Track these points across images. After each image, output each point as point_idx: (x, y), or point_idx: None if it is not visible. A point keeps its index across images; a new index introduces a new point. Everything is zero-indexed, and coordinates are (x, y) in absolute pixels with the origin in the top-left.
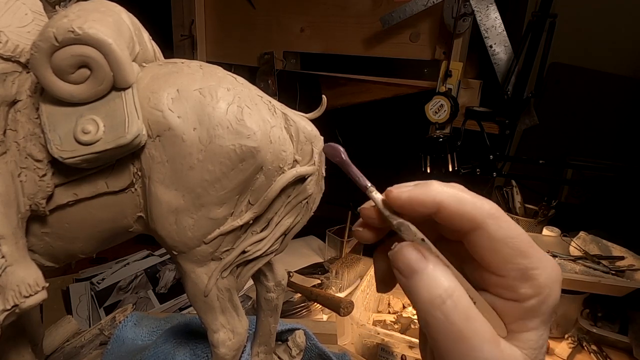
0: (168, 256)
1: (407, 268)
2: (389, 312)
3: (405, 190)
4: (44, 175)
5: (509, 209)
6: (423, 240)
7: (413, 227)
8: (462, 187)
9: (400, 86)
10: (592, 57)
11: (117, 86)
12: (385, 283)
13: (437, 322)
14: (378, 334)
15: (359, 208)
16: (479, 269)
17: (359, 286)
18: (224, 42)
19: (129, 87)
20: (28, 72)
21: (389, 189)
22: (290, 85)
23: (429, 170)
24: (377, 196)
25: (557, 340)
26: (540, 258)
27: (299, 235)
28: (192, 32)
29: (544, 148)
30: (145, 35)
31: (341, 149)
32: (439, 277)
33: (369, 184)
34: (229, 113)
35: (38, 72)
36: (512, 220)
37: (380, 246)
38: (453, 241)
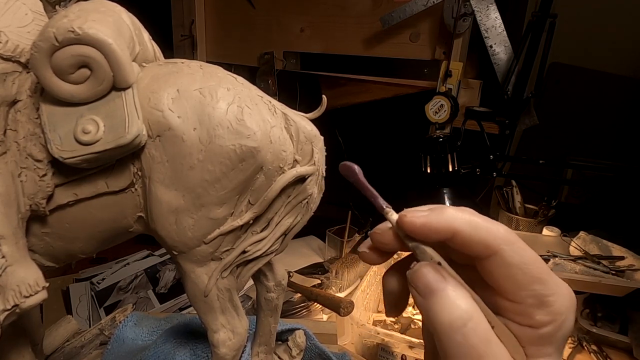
0: (168, 256)
1: (426, 288)
2: None
3: (420, 216)
4: (44, 175)
5: (509, 209)
6: (439, 263)
7: (429, 250)
8: (474, 211)
9: (400, 86)
10: (592, 57)
11: (117, 86)
12: (396, 306)
13: (457, 345)
14: (378, 334)
15: (370, 232)
16: (492, 293)
17: (359, 286)
18: (224, 42)
19: (129, 87)
20: (28, 72)
21: (402, 213)
22: (290, 85)
23: (429, 170)
24: (394, 217)
25: None
26: (556, 284)
27: (299, 235)
28: (192, 32)
29: (544, 148)
30: (145, 35)
31: (356, 168)
32: (458, 299)
33: (386, 205)
34: (229, 113)
35: (38, 72)
36: (527, 245)
37: (390, 268)
38: (463, 265)
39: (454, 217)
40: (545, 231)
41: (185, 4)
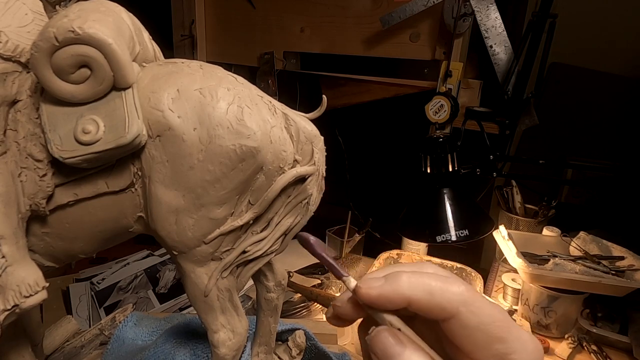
0: (168, 256)
1: (384, 354)
2: None
3: (375, 287)
4: (44, 175)
5: (509, 209)
6: (399, 329)
7: (388, 317)
8: (432, 272)
9: (400, 86)
10: (592, 57)
11: (117, 86)
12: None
13: None
14: None
15: (332, 302)
16: (458, 350)
17: None
18: (224, 42)
19: (129, 87)
20: (28, 72)
21: (358, 284)
22: (290, 85)
23: (429, 170)
24: (352, 285)
25: (557, 340)
26: (519, 339)
27: None
28: (192, 32)
29: (544, 148)
30: (146, 35)
31: (312, 239)
32: None
33: (345, 274)
34: (229, 113)
35: (38, 72)
36: (487, 302)
37: (361, 323)
38: (431, 320)
39: (407, 286)
40: (545, 231)
41: (185, 4)
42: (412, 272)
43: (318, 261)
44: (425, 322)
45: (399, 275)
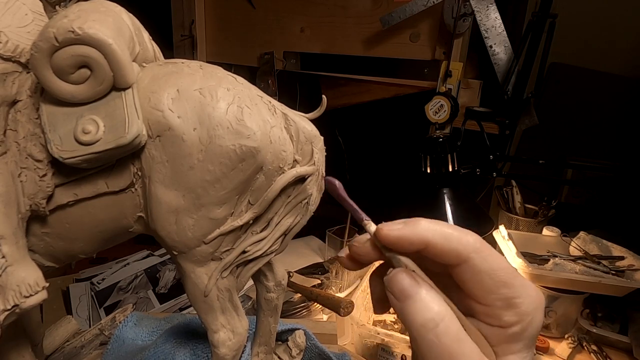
0: (168, 256)
1: (401, 293)
2: (389, 312)
3: (395, 229)
4: (44, 175)
5: (509, 209)
6: (414, 271)
7: (404, 259)
8: (446, 223)
9: (400, 86)
10: (592, 57)
11: (117, 86)
12: (381, 305)
13: (430, 344)
14: (378, 334)
15: (348, 243)
16: (464, 297)
17: (359, 286)
18: (224, 42)
19: (129, 87)
20: (28, 72)
21: (379, 226)
22: (290, 86)
23: (429, 170)
24: (372, 229)
25: (557, 340)
26: (523, 287)
27: (299, 235)
28: (192, 32)
29: (544, 148)
30: (145, 35)
31: (337, 183)
32: (431, 302)
33: (365, 218)
34: (229, 113)
35: (38, 72)
36: (495, 251)
37: (373, 272)
38: (437, 273)
39: (426, 229)
40: (545, 231)
41: (185, 4)
42: (430, 220)
43: (317, 261)
44: (433, 275)
45: (418, 220)
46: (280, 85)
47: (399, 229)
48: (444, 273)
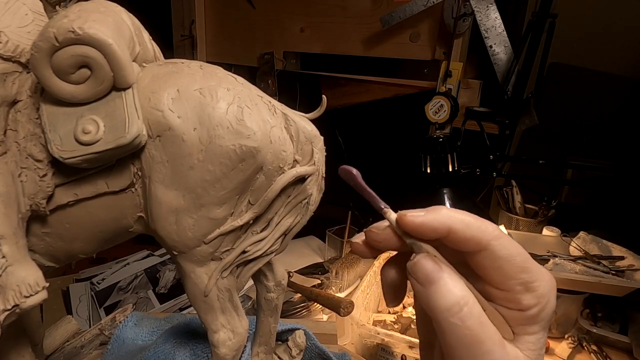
0: (168, 256)
1: (425, 278)
2: (389, 312)
3: (419, 215)
4: (45, 175)
5: (509, 209)
6: (436, 256)
7: (425, 246)
8: (466, 212)
9: (400, 86)
10: (592, 57)
11: (118, 86)
12: (395, 296)
13: (454, 328)
14: (378, 334)
15: (365, 230)
16: (482, 284)
17: (359, 286)
18: (224, 42)
19: (129, 87)
20: (28, 72)
21: (401, 212)
22: (290, 86)
23: (429, 171)
24: (393, 217)
25: (557, 340)
26: (539, 271)
27: (299, 235)
28: (192, 32)
29: (544, 148)
30: (146, 35)
31: (355, 171)
32: (454, 286)
33: (384, 205)
34: (229, 113)
35: (38, 72)
36: (511, 239)
37: (387, 262)
38: (454, 263)
39: (449, 216)
40: (545, 231)
41: (185, 4)
42: (450, 208)
43: (317, 261)
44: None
45: (440, 208)
46: (280, 85)
47: (422, 216)
48: (460, 262)
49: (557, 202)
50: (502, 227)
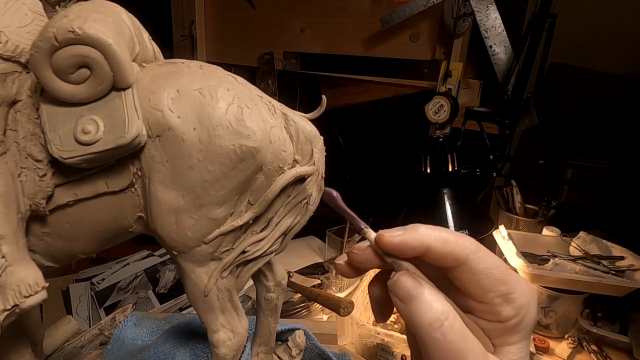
0: (168, 256)
1: (405, 295)
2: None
3: (397, 235)
4: (44, 175)
5: (509, 209)
6: (415, 273)
7: (405, 263)
8: (444, 228)
9: (400, 86)
10: (592, 57)
11: (117, 86)
12: (381, 312)
13: (437, 343)
14: (378, 334)
15: (347, 251)
16: (462, 297)
17: (359, 286)
18: (224, 42)
19: (129, 87)
20: (28, 72)
21: (380, 233)
22: (290, 86)
23: (429, 171)
24: (373, 236)
25: (557, 340)
26: (517, 282)
27: (299, 235)
28: (192, 32)
29: (544, 148)
30: (145, 35)
31: (335, 193)
32: (435, 302)
33: (364, 225)
34: (229, 113)
35: (38, 72)
36: (489, 251)
37: (372, 280)
38: (433, 278)
39: (426, 235)
40: (545, 231)
41: (185, 4)
42: (427, 225)
43: (317, 261)
44: (430, 280)
45: (417, 226)
46: (280, 85)
47: (400, 235)
48: (440, 277)
49: (557, 202)
50: (501, 227)
